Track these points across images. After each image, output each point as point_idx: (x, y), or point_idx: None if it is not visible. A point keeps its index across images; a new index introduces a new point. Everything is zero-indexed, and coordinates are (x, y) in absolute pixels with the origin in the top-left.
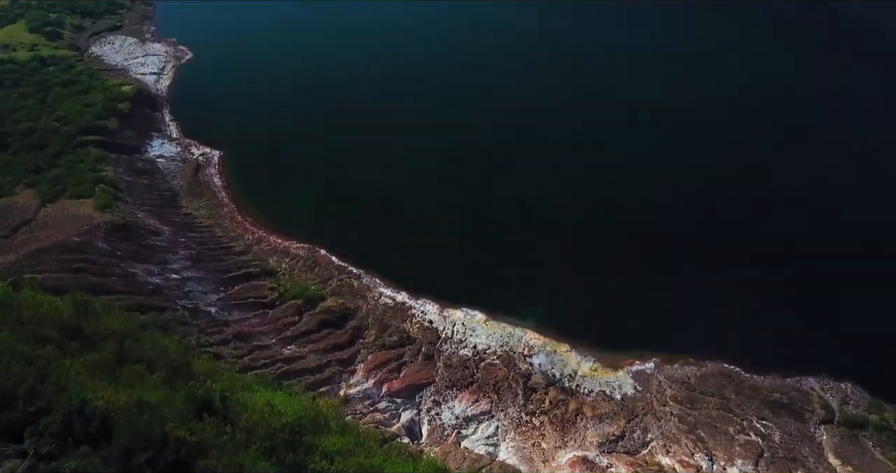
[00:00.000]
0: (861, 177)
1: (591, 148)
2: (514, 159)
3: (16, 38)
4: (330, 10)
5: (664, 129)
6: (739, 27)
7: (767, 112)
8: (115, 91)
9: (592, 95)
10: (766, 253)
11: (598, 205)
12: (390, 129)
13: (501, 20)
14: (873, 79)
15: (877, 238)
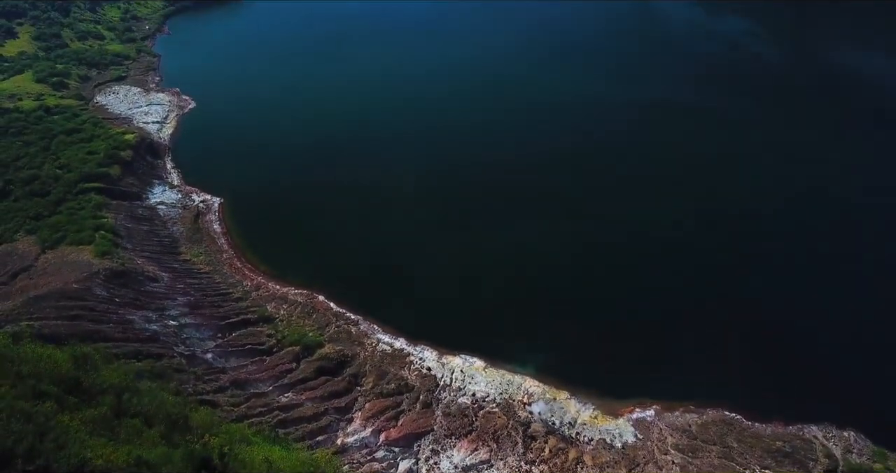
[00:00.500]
0: (854, 243)
1: (588, 199)
2: (513, 208)
3: (22, 88)
4: (330, 61)
5: (659, 184)
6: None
7: (762, 171)
8: (119, 139)
9: (592, 149)
10: (768, 308)
11: (597, 255)
12: (389, 177)
13: (500, 72)
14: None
15: (874, 297)
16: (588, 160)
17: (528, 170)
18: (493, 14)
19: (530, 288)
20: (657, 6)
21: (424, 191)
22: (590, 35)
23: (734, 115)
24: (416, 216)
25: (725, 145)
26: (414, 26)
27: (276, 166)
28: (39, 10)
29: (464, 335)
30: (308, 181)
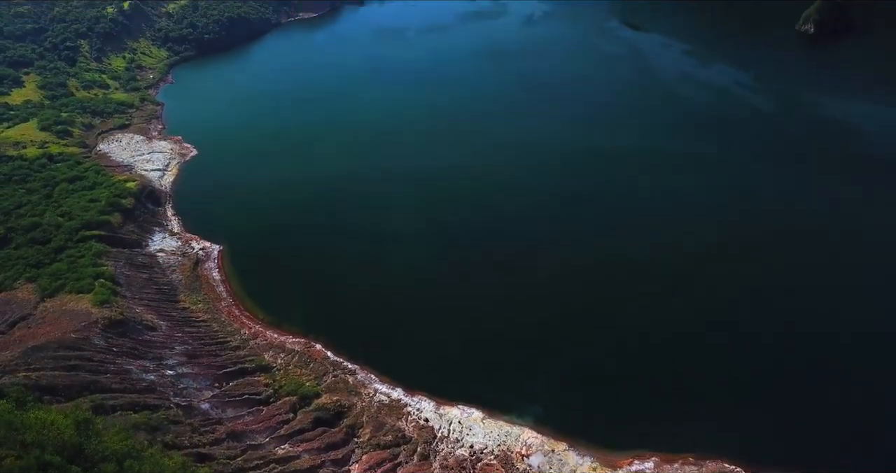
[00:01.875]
0: (851, 284)
1: (583, 248)
2: (511, 256)
3: (27, 136)
4: (330, 110)
5: (655, 230)
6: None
7: (754, 215)
8: (120, 187)
9: (589, 195)
10: (766, 355)
11: (595, 304)
12: (387, 225)
13: (496, 120)
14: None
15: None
16: (584, 208)
17: (527, 217)
18: (488, 66)
19: (528, 337)
20: (650, 56)
21: (423, 239)
22: (584, 84)
23: (727, 161)
24: (415, 263)
25: (721, 190)
26: (412, 78)
27: (275, 214)
28: (46, 60)
29: (462, 384)
30: (307, 228)
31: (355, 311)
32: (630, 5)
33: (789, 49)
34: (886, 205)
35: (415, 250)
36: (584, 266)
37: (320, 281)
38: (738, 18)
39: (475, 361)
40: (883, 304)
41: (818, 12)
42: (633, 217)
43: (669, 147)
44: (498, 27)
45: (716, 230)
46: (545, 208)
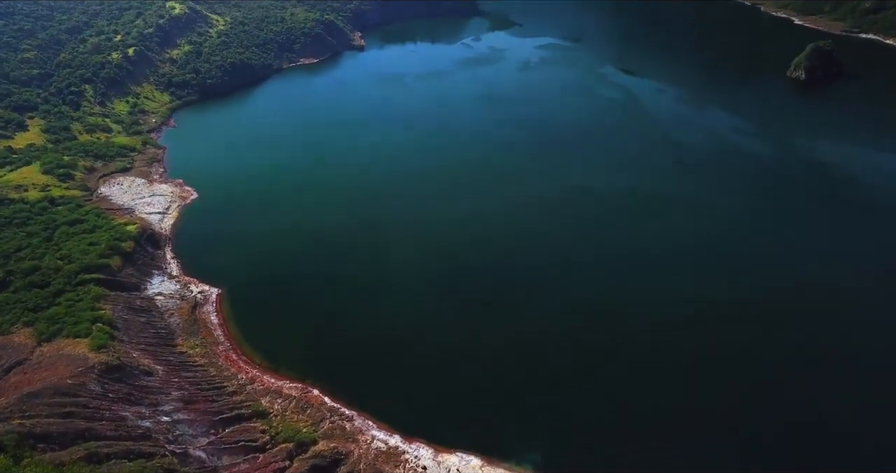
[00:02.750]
0: (854, 332)
1: (584, 290)
2: (511, 302)
3: (29, 179)
4: (331, 153)
5: (653, 275)
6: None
7: (751, 260)
8: (120, 230)
9: (588, 239)
10: (775, 402)
11: (598, 347)
12: (386, 269)
13: (497, 163)
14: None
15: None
16: (583, 250)
17: (526, 261)
18: (486, 111)
19: (528, 382)
20: (645, 101)
21: (422, 283)
22: (581, 128)
23: (723, 205)
24: (414, 307)
25: (721, 233)
26: (412, 122)
27: (275, 257)
28: (51, 105)
29: (461, 430)
30: (306, 272)
31: (353, 356)
32: (624, 52)
33: (781, 95)
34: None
35: (414, 294)
36: (584, 310)
37: (319, 325)
38: (730, 65)
39: (474, 407)
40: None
41: (808, 59)
42: (632, 259)
43: (667, 189)
44: (495, 73)
45: (716, 273)
46: (544, 252)
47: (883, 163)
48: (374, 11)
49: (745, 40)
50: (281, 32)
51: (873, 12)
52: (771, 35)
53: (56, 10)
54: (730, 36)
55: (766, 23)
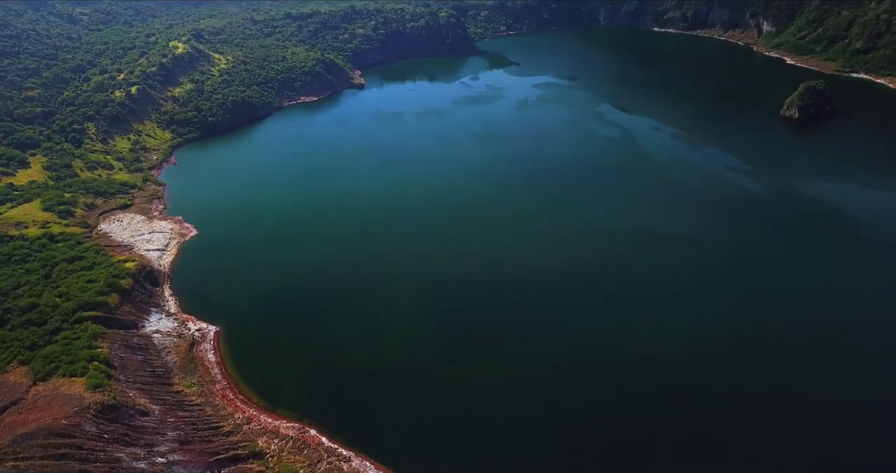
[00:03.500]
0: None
1: (587, 326)
2: (511, 339)
3: (29, 216)
4: (331, 191)
5: (653, 313)
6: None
7: (749, 298)
8: (119, 267)
9: (588, 275)
10: (778, 439)
11: (603, 386)
12: (385, 307)
13: (499, 202)
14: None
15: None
16: (580, 287)
17: (524, 297)
18: (484, 148)
19: (531, 420)
20: (641, 139)
21: (421, 319)
22: (579, 165)
23: (720, 242)
24: (413, 346)
25: (720, 271)
26: (411, 159)
27: (273, 295)
28: (53, 142)
29: (461, 471)
30: (305, 310)
31: (352, 394)
32: (620, 91)
33: (775, 133)
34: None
35: (412, 331)
36: (583, 348)
37: (317, 362)
38: (725, 104)
39: (475, 446)
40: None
41: (801, 98)
42: (629, 297)
43: (664, 227)
44: (493, 111)
45: (715, 312)
46: (542, 288)
47: (879, 200)
48: (374, 51)
49: (738, 79)
50: (282, 71)
51: (864, 52)
52: (764, 74)
53: (61, 50)
54: (724, 75)
55: (759, 62)
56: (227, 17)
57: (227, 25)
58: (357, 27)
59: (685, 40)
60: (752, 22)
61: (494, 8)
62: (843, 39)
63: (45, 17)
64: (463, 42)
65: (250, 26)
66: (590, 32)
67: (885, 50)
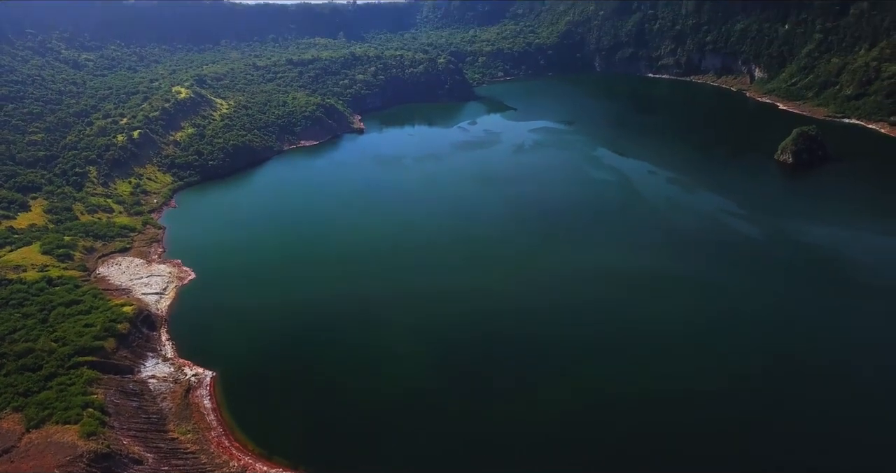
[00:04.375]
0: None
1: (583, 373)
2: (510, 383)
3: (28, 260)
4: (329, 235)
5: (651, 356)
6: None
7: (747, 339)
8: (117, 311)
9: (587, 317)
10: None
11: (599, 430)
12: (386, 352)
13: (498, 244)
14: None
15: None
16: (577, 330)
17: (524, 339)
18: (483, 191)
19: (534, 466)
20: (637, 182)
21: (420, 363)
22: (576, 208)
23: (717, 286)
24: (412, 388)
25: (712, 314)
26: (410, 202)
27: (271, 339)
28: (54, 186)
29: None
30: (303, 354)
31: (349, 440)
32: (616, 135)
33: (770, 177)
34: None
35: (412, 376)
36: (584, 386)
37: (314, 408)
38: (719, 148)
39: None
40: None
41: (794, 143)
42: (630, 338)
43: (660, 269)
44: (491, 155)
45: (716, 352)
46: (540, 330)
47: (875, 244)
48: (374, 96)
49: (732, 124)
50: (283, 115)
51: (855, 98)
52: (757, 119)
53: (65, 95)
54: (717, 120)
55: (752, 108)
56: (229, 63)
57: (229, 71)
58: (357, 73)
59: (679, 86)
60: (744, 68)
61: (492, 54)
62: (833, 86)
63: (50, 63)
64: (461, 87)
65: (252, 72)
66: (585, 78)
67: (876, 96)
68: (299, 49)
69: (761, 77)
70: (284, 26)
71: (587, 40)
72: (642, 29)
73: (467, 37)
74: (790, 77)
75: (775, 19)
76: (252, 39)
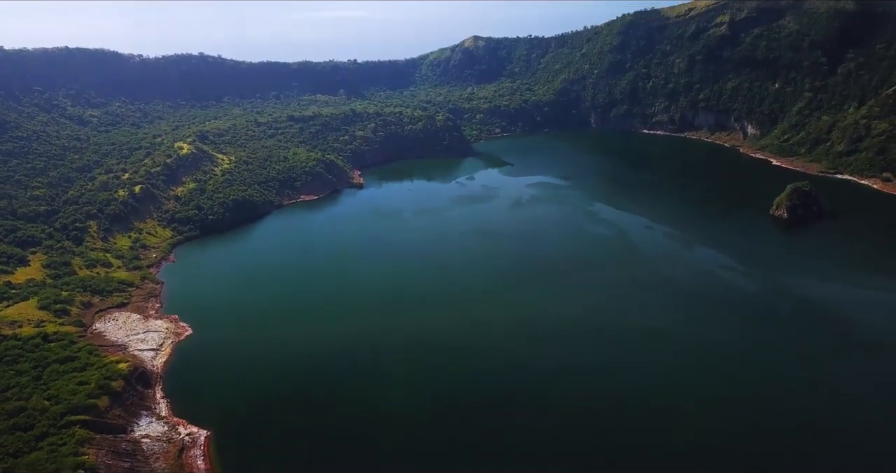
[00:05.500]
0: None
1: (579, 428)
2: (505, 437)
3: (24, 315)
4: (327, 289)
5: (654, 416)
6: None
7: (747, 398)
8: (112, 368)
9: (585, 377)
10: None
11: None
12: (379, 401)
13: (495, 298)
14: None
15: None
16: (574, 387)
17: (522, 390)
18: (480, 245)
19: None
20: (634, 237)
21: (420, 416)
22: (573, 263)
23: (715, 342)
24: (410, 441)
25: (711, 370)
26: (408, 256)
27: (266, 395)
28: (54, 240)
29: None
30: (298, 410)
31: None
32: (612, 190)
33: (766, 233)
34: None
35: (409, 429)
36: (581, 442)
37: (309, 469)
38: (715, 203)
39: None
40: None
41: (789, 198)
42: (628, 395)
43: (658, 324)
44: (488, 209)
45: (716, 411)
46: (538, 384)
47: (872, 300)
48: (374, 151)
49: (727, 180)
50: (283, 170)
51: (846, 154)
52: (751, 175)
53: (69, 150)
54: (712, 176)
55: (746, 163)
56: (231, 119)
57: (231, 127)
58: (357, 129)
59: (674, 142)
60: (736, 125)
61: (489, 111)
62: (825, 142)
63: (55, 119)
64: (459, 143)
65: (254, 128)
66: (581, 134)
67: (867, 153)
68: (301, 105)
69: (754, 133)
70: (286, 84)
71: (582, 97)
72: (636, 87)
73: (465, 94)
74: (782, 133)
75: (765, 78)
76: (254, 96)
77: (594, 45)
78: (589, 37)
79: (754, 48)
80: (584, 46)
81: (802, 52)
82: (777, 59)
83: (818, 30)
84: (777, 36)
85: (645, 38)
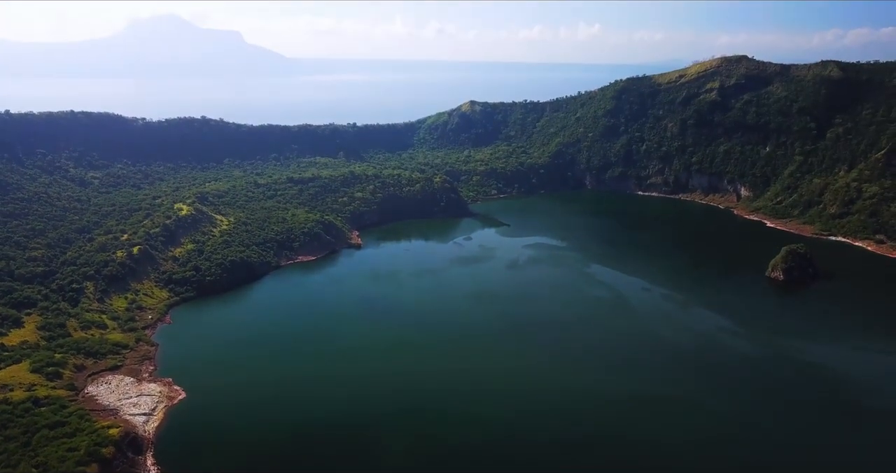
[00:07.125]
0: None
1: None
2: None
3: (16, 378)
4: (324, 351)
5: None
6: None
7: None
8: (102, 434)
9: (581, 446)
10: None
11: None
12: (377, 468)
13: (488, 360)
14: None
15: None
16: (577, 451)
17: (522, 461)
18: (476, 307)
19: None
20: (631, 299)
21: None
22: (569, 326)
23: (715, 407)
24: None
25: (712, 437)
26: (404, 317)
27: (261, 463)
28: (50, 301)
29: None
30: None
31: None
32: (608, 252)
33: (762, 294)
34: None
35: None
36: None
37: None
38: (711, 265)
39: None
40: None
41: (784, 260)
42: (627, 462)
43: (657, 389)
44: (485, 270)
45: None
46: (537, 453)
47: (872, 364)
48: (372, 213)
49: (722, 241)
50: (281, 231)
51: (839, 217)
52: (746, 236)
53: (69, 211)
54: (707, 237)
55: (740, 225)
56: (231, 181)
57: (231, 188)
58: (356, 190)
59: (668, 203)
60: (730, 187)
61: (486, 173)
62: (817, 204)
63: (57, 181)
64: (456, 205)
65: (253, 189)
66: (577, 196)
67: (860, 215)
68: (300, 167)
69: (747, 195)
70: (286, 146)
71: (577, 160)
72: (630, 150)
73: (462, 157)
74: (775, 196)
75: (756, 142)
76: (254, 158)
77: (588, 109)
78: (583, 101)
79: (744, 113)
80: (579, 111)
81: (791, 118)
82: (767, 123)
83: (805, 96)
84: (766, 101)
85: (638, 102)
